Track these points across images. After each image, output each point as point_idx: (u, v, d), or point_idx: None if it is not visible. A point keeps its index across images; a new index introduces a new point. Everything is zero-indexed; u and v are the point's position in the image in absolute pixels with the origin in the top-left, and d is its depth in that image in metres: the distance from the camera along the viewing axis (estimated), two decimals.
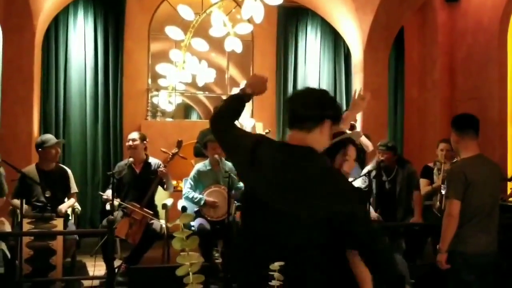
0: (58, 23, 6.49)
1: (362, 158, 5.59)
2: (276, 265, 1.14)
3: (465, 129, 3.29)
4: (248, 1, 5.11)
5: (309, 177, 1.73)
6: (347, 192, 1.77)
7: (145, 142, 5.15)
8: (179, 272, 1.02)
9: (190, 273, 0.96)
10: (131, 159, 5.06)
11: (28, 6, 5.47)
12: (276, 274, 1.16)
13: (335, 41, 7.36)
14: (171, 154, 4.99)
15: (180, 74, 5.86)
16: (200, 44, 5.61)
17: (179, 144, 5.02)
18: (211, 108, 7.80)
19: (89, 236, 5.84)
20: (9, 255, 4.42)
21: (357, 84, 6.72)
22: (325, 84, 7.32)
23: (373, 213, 5.17)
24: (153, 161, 5.15)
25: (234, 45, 5.79)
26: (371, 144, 5.84)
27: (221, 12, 5.49)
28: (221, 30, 5.56)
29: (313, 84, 7.28)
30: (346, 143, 2.37)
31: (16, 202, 4.54)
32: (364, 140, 5.77)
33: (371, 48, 6.54)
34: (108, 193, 4.80)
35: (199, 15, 5.42)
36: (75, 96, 6.55)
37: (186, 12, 5.46)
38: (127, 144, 5.14)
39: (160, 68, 6.08)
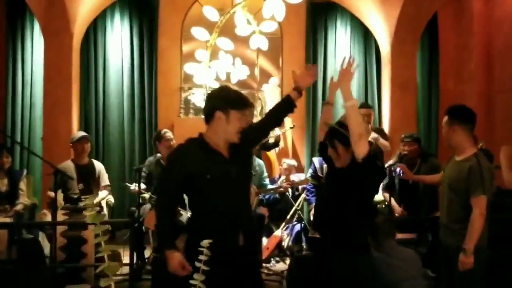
0: (97, 27, 6.87)
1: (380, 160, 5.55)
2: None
3: (474, 124, 3.27)
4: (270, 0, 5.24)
5: None
6: None
7: None
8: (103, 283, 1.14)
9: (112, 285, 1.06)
10: (159, 155, 5.33)
11: (66, 12, 5.86)
12: None
13: (365, 35, 7.32)
14: None
15: (207, 73, 6.05)
16: (226, 43, 5.78)
17: None
18: None
19: (122, 228, 6.15)
20: (47, 244, 4.82)
21: (386, 77, 6.68)
22: (355, 78, 7.29)
23: (397, 208, 5.16)
24: None
25: (260, 42, 5.92)
26: (388, 143, 5.77)
27: (245, 11, 5.63)
28: (245, 29, 5.70)
29: None
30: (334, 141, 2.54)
31: (51, 194, 4.92)
32: (382, 141, 5.72)
33: (399, 40, 6.48)
34: (134, 186, 5.10)
35: (224, 16, 5.59)
36: (113, 95, 6.91)
37: (211, 13, 5.65)
38: (166, 143, 5.26)
39: (188, 67, 6.30)
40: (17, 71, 6.70)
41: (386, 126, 6.74)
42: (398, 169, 4.06)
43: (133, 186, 5.13)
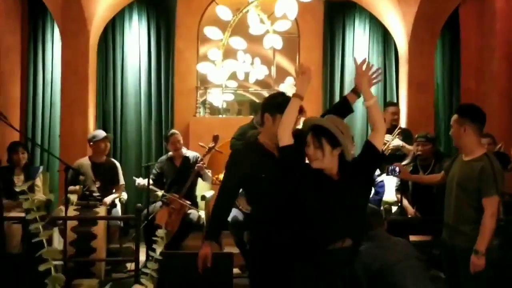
0: (115, 26, 6.97)
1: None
2: None
3: (484, 123, 3.20)
4: None
5: None
6: None
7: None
8: (41, 267, 1.15)
9: (52, 269, 1.08)
10: (170, 153, 5.40)
11: (82, 12, 5.98)
12: None
13: (384, 35, 7.22)
14: (207, 148, 5.24)
15: (220, 72, 6.08)
16: (239, 43, 5.80)
17: (215, 138, 5.26)
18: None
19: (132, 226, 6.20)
20: (60, 239, 4.92)
21: (403, 77, 6.57)
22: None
23: (410, 209, 5.07)
24: (191, 154, 5.45)
25: (274, 41, 5.92)
26: (412, 147, 5.64)
27: (259, 11, 5.63)
28: (259, 28, 5.70)
29: None
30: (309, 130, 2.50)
31: (71, 188, 5.02)
32: (408, 148, 5.61)
33: (416, 39, 6.37)
34: (140, 180, 5.18)
35: (236, 15, 5.61)
36: (130, 95, 7.01)
37: (224, 12, 5.67)
38: (173, 146, 5.39)
39: (201, 66, 6.35)
40: (38, 71, 6.86)
41: (403, 127, 6.63)
42: (397, 168, 3.97)
43: (139, 180, 5.20)
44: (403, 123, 6.63)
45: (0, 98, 6.07)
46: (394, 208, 5.51)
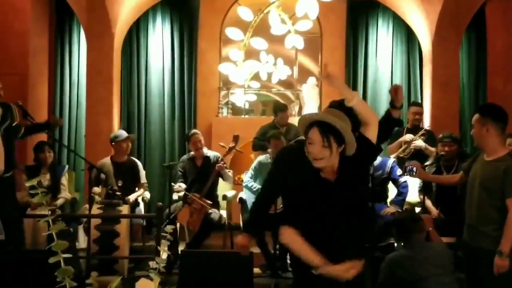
0: (139, 28, 7.10)
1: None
2: None
3: (506, 123, 3.15)
4: None
5: None
6: None
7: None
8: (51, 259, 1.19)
9: (61, 261, 1.12)
10: (191, 153, 5.46)
11: (107, 14, 6.11)
12: None
13: (408, 34, 7.14)
14: (228, 148, 5.28)
15: (240, 73, 6.12)
16: (260, 43, 5.82)
17: (236, 138, 5.29)
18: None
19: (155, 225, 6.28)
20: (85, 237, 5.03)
21: (427, 76, 6.48)
22: (398, 78, 7.14)
23: (434, 210, 5.00)
24: (212, 154, 5.49)
25: (295, 42, 5.92)
26: (434, 148, 5.57)
27: (280, 11, 5.65)
28: (280, 29, 5.71)
29: (384, 78, 7.15)
30: (311, 126, 2.34)
31: (95, 189, 5.13)
32: (430, 149, 5.54)
33: (440, 38, 6.28)
34: (178, 186, 5.24)
35: (258, 16, 5.63)
36: (154, 96, 7.11)
37: (246, 13, 5.70)
38: (194, 145, 5.42)
39: (223, 67, 6.40)
40: (65, 73, 7.04)
41: (426, 127, 6.54)
42: (414, 168, 3.91)
43: (177, 186, 5.26)
44: (426, 123, 6.55)
45: (28, 99, 6.23)
46: (417, 209, 5.44)
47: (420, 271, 3.12)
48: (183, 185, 5.31)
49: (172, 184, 5.47)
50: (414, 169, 3.91)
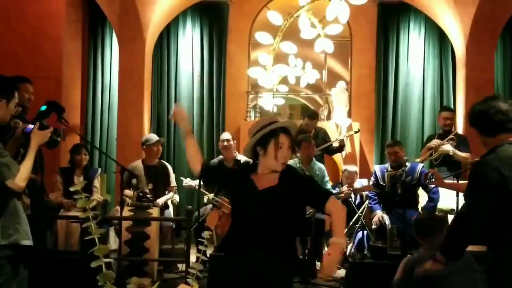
0: (170, 33, 7.18)
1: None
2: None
3: None
4: (334, 2, 5.19)
5: None
6: None
7: (234, 141, 5.53)
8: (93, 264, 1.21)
9: (103, 265, 1.13)
10: (221, 157, 5.47)
11: (138, 19, 6.20)
12: None
13: (440, 37, 7.01)
14: None
15: (269, 77, 6.11)
16: (289, 47, 5.81)
17: None
18: (312, 108, 7.96)
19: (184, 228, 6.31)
20: (117, 238, 5.09)
21: (460, 80, 6.34)
22: (430, 81, 7.03)
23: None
24: (243, 158, 5.48)
25: (325, 45, 5.89)
26: (467, 154, 5.45)
27: (310, 15, 5.62)
28: (310, 32, 5.69)
29: (416, 82, 7.04)
30: (277, 132, 2.53)
31: (127, 192, 5.19)
32: (459, 154, 5.44)
33: (474, 41, 6.15)
34: (188, 180, 5.27)
35: (287, 20, 5.62)
36: (184, 99, 7.17)
37: (275, 17, 5.70)
38: (221, 144, 5.51)
39: (252, 71, 6.41)
40: (97, 77, 7.17)
41: (460, 132, 6.40)
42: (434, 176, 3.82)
43: (186, 180, 5.29)
44: (460, 129, 6.41)
45: (62, 102, 6.35)
46: (450, 217, 5.32)
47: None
48: (190, 182, 5.30)
49: (181, 178, 5.48)
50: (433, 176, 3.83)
